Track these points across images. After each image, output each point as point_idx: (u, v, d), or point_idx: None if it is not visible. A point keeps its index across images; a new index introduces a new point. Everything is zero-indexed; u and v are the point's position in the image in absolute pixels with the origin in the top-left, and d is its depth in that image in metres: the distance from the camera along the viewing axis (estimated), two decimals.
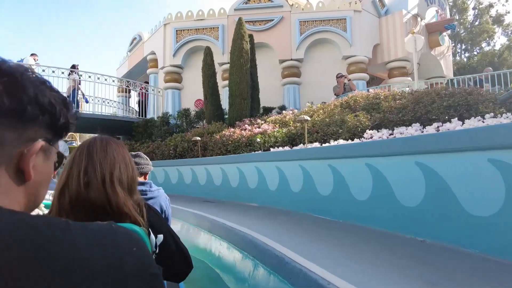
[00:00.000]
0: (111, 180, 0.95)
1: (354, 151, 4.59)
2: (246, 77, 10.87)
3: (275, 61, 13.69)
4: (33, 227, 0.45)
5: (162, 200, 2.25)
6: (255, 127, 9.02)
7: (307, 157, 5.39)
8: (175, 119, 13.08)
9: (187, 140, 10.03)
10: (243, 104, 10.69)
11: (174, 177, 9.36)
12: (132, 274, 0.50)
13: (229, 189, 7.41)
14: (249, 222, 4.72)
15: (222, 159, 7.81)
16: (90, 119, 12.68)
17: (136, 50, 17.00)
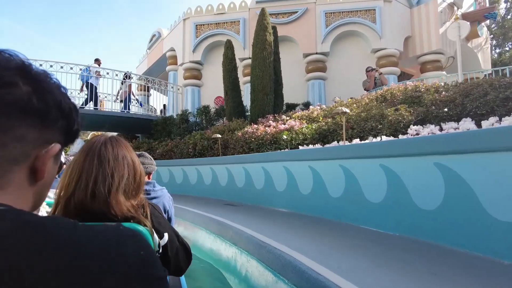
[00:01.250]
0: (116, 190, 0.92)
1: (420, 148, 3.59)
2: (269, 71, 9.96)
3: (299, 55, 12.73)
4: (40, 228, 0.45)
5: (166, 200, 2.21)
6: (280, 124, 8.09)
7: (352, 156, 4.43)
8: (195, 116, 12.31)
9: (207, 137, 9.20)
10: (265, 100, 9.78)
11: (193, 177, 8.54)
12: (137, 276, 0.49)
13: (253, 192, 6.51)
14: (282, 233, 3.81)
15: (245, 158, 6.91)
16: (108, 117, 12.08)
17: (156, 47, 16.34)
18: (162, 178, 9.58)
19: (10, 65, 0.50)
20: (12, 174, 0.51)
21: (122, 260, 0.49)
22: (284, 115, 9.08)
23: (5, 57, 0.50)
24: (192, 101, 13.54)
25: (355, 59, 12.44)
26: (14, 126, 0.49)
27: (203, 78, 13.85)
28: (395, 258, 2.80)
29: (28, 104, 0.49)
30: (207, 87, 13.77)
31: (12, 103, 0.48)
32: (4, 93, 0.48)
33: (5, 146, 0.49)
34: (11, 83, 0.49)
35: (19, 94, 0.49)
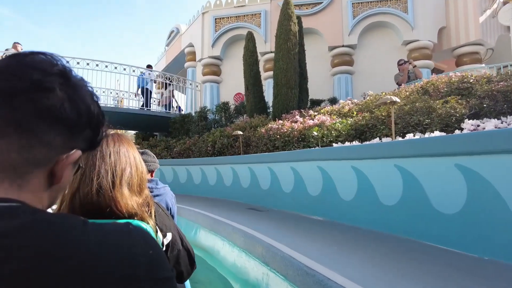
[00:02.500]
0: (120, 183, 0.91)
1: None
2: (294, 63, 9.04)
3: (324, 48, 11.74)
4: (52, 225, 0.45)
5: (168, 198, 2.14)
6: (307, 119, 7.16)
7: (412, 154, 3.47)
8: (213, 113, 11.50)
9: (227, 135, 8.34)
10: (290, 95, 8.85)
11: (212, 178, 7.69)
12: (146, 276, 0.48)
13: (281, 195, 5.60)
14: (331, 253, 2.89)
15: (270, 156, 6.01)
16: (126, 114, 11.42)
17: (174, 43, 15.63)
18: (180, 178, 8.79)
19: (52, 70, 0.50)
20: (32, 176, 0.50)
21: (132, 260, 0.48)
22: (311, 110, 8.14)
23: (49, 61, 0.51)
24: (211, 98, 12.73)
25: (385, 52, 11.36)
26: (44, 131, 0.49)
27: (222, 74, 13.03)
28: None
29: (61, 111, 0.49)
30: (226, 83, 12.94)
31: (47, 108, 0.48)
32: (42, 97, 0.48)
33: (32, 148, 0.49)
34: (50, 88, 0.49)
35: (55, 100, 0.49)
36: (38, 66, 0.49)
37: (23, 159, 0.48)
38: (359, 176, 4.11)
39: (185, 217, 5.58)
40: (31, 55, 0.50)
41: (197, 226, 5.18)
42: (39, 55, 0.51)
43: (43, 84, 0.48)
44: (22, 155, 0.48)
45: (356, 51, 11.55)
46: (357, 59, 11.56)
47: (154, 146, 11.13)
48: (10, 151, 0.47)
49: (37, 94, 0.47)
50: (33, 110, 0.47)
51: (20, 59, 0.49)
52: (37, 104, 0.47)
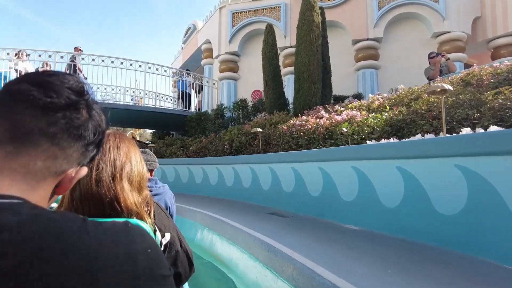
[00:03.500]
0: (120, 177, 0.89)
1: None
2: (317, 56, 8.28)
3: (347, 42, 10.93)
4: (52, 221, 0.45)
5: (167, 197, 2.10)
6: (333, 115, 6.41)
7: (480, 152, 2.69)
8: (231, 111, 10.85)
9: (245, 132, 7.65)
10: (312, 89, 8.09)
11: (229, 178, 7.01)
12: (144, 274, 0.48)
13: (307, 199, 4.86)
14: (380, 278, 2.16)
15: (295, 155, 5.27)
16: (142, 113, 10.93)
17: (191, 40, 15.07)
18: (195, 178, 8.16)
19: (83, 93, 0.55)
20: (45, 183, 0.53)
21: (130, 257, 0.48)
22: (337, 106, 7.36)
23: (80, 83, 0.55)
24: (228, 96, 12.09)
25: (413, 45, 10.45)
26: (69, 146, 0.53)
27: (239, 71, 12.36)
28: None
29: (85, 131, 0.54)
30: (244, 80, 12.27)
31: (76, 126, 0.53)
32: (75, 116, 0.53)
33: (56, 159, 0.52)
34: (80, 109, 0.54)
35: (82, 120, 0.54)
36: (74, 88, 0.54)
37: (45, 167, 0.51)
38: (407, 178, 3.34)
39: (201, 222, 4.93)
40: (66, 76, 0.55)
41: (213, 234, 4.52)
42: (72, 77, 0.55)
43: (77, 104, 0.53)
44: (45, 163, 0.51)
45: (382, 44, 10.68)
46: (383, 53, 10.69)
47: (170, 144, 10.59)
48: (38, 159, 0.50)
49: (71, 113, 0.52)
50: (66, 127, 0.52)
51: (59, 78, 0.53)
52: (70, 122, 0.52)
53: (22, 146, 0.49)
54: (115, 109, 10.36)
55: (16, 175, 0.49)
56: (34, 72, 0.53)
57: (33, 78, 0.52)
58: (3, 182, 0.48)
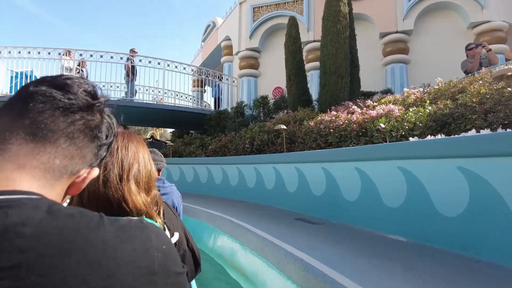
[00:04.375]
0: (127, 178, 0.86)
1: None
2: (345, 48, 7.58)
3: (374, 36, 10.16)
4: (70, 217, 0.45)
5: (175, 197, 2.10)
6: (365, 110, 5.72)
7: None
8: (251, 109, 10.27)
9: (267, 130, 7.04)
10: (340, 84, 7.40)
11: (250, 179, 6.41)
12: (160, 270, 0.49)
13: (341, 204, 4.20)
14: None
15: (326, 154, 4.61)
16: (161, 111, 10.52)
17: (210, 38, 14.59)
18: (215, 178, 7.60)
19: (97, 97, 0.56)
20: (61, 182, 0.53)
21: (147, 253, 0.48)
22: (369, 101, 6.65)
23: (95, 87, 0.57)
24: (248, 93, 11.51)
25: (446, 37, 9.58)
26: (85, 146, 0.54)
27: (260, 67, 11.76)
28: None
29: (100, 132, 0.56)
30: (264, 77, 11.66)
31: (92, 128, 0.55)
32: (91, 118, 0.55)
33: (72, 158, 0.53)
34: (95, 112, 0.56)
35: (97, 122, 0.56)
36: (89, 91, 0.55)
37: (63, 166, 0.52)
38: (473, 181, 2.65)
39: (221, 228, 4.36)
40: (81, 80, 0.56)
41: (235, 242, 3.93)
42: (86, 81, 0.56)
43: (94, 107, 0.55)
44: (63, 162, 0.52)
45: (412, 37, 9.86)
46: (413, 46, 9.86)
47: (188, 143, 10.12)
48: (57, 157, 0.51)
49: (88, 115, 0.54)
50: (83, 127, 0.53)
51: (75, 82, 0.54)
52: (86, 123, 0.54)
53: (43, 145, 0.50)
54: (135, 108, 10.04)
55: (37, 172, 0.50)
56: (51, 75, 0.55)
57: (52, 81, 0.53)
58: (25, 178, 0.49)
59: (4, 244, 0.39)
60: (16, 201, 0.44)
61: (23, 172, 0.49)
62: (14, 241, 0.40)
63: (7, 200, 0.43)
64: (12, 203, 0.43)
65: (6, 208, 0.42)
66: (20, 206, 0.43)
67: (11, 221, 0.41)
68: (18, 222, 0.41)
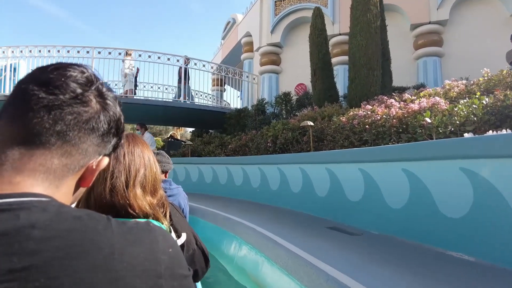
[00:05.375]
0: (133, 184, 0.86)
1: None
2: (376, 39, 6.86)
3: (405, 27, 9.35)
4: (78, 219, 0.44)
5: (181, 198, 2.10)
6: (405, 104, 5.00)
7: None
8: (272, 106, 9.66)
9: (291, 128, 6.40)
10: (371, 77, 6.68)
11: (274, 180, 5.78)
12: (166, 273, 0.48)
13: (384, 212, 3.51)
14: None
15: (368, 153, 3.92)
16: (180, 110, 10.09)
17: (230, 35, 14.07)
18: (235, 179, 7.01)
19: (91, 85, 0.51)
20: (67, 179, 0.51)
21: (153, 256, 0.47)
22: (406, 94, 5.91)
23: (86, 74, 0.51)
24: (269, 90, 10.89)
25: (486, 27, 8.66)
26: (82, 140, 0.50)
27: (282, 63, 11.12)
28: None
29: (97, 123, 0.51)
30: (286, 73, 11.01)
31: (86, 121, 0.50)
32: (83, 111, 0.49)
33: (71, 156, 0.50)
34: (88, 101, 0.50)
35: (92, 113, 0.50)
36: (79, 80, 0.50)
37: (62, 164, 0.50)
38: None
39: (244, 237, 3.77)
40: (70, 68, 0.51)
41: (260, 255, 3.32)
42: (76, 68, 0.51)
43: (83, 97, 0.49)
44: (61, 161, 0.49)
45: (447, 28, 8.99)
46: (448, 38, 9.00)
47: (208, 143, 9.60)
48: (53, 157, 0.49)
49: (78, 107, 0.49)
50: (74, 122, 0.49)
51: (61, 73, 0.50)
52: (77, 116, 0.49)
53: (34, 147, 0.48)
54: (154, 106, 9.68)
55: (37, 175, 0.48)
56: (40, 68, 0.51)
57: (37, 76, 0.49)
58: (26, 182, 0.47)
59: (14, 246, 0.39)
60: (26, 204, 0.43)
61: (24, 175, 0.47)
62: (24, 243, 0.39)
63: (17, 202, 0.43)
64: (23, 205, 0.43)
65: (18, 211, 0.42)
66: (30, 208, 0.43)
67: (22, 224, 0.41)
68: (28, 224, 0.41)
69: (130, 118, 10.11)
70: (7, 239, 0.39)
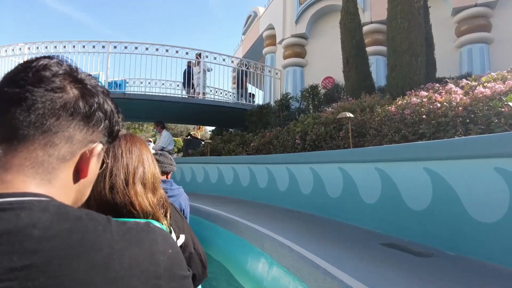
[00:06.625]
0: (133, 181, 0.85)
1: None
2: (419, 21, 5.88)
3: (445, 12, 8.26)
4: (78, 220, 0.44)
5: (182, 199, 2.08)
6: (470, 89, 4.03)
7: None
8: (298, 101, 8.78)
9: (324, 122, 5.51)
10: (414, 64, 5.70)
11: (305, 183, 4.88)
12: (165, 274, 0.47)
13: (466, 226, 2.56)
14: None
15: (438, 147, 3.01)
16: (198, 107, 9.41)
17: (251, 29, 13.26)
18: (258, 181, 6.15)
19: (59, 71, 0.50)
20: (59, 171, 0.49)
21: (153, 258, 0.46)
22: (451, 85, 4.91)
23: (55, 63, 0.50)
24: (293, 85, 10.01)
25: None
26: (64, 127, 0.49)
27: (307, 56, 10.21)
28: None
29: (76, 107, 0.49)
30: (312, 66, 10.10)
31: (62, 106, 0.48)
32: (56, 97, 0.48)
33: (55, 145, 0.48)
34: (61, 87, 0.49)
35: (68, 98, 0.49)
36: (47, 69, 0.49)
37: (49, 155, 0.48)
38: None
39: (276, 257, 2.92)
40: (38, 60, 0.50)
41: (296, 281, 2.46)
42: (45, 59, 0.50)
43: (53, 84, 0.48)
44: (47, 152, 0.48)
45: (496, 11, 7.85)
46: (497, 22, 7.84)
47: (228, 141, 8.82)
48: (36, 149, 0.47)
49: (50, 95, 0.47)
50: (48, 110, 0.47)
51: (28, 65, 0.49)
52: (51, 104, 0.47)
53: (16, 142, 0.46)
54: (171, 103, 9.06)
55: (26, 170, 0.47)
56: (15, 67, 0.50)
57: (5, 76, 0.49)
58: (18, 178, 0.46)
59: (15, 245, 0.39)
60: (27, 203, 0.42)
61: (13, 172, 0.46)
62: (25, 242, 0.39)
63: (18, 202, 0.42)
64: (24, 205, 0.42)
65: (19, 210, 0.41)
66: (31, 208, 0.42)
67: (22, 223, 0.40)
68: (29, 224, 0.40)
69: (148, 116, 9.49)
70: (8, 238, 0.39)
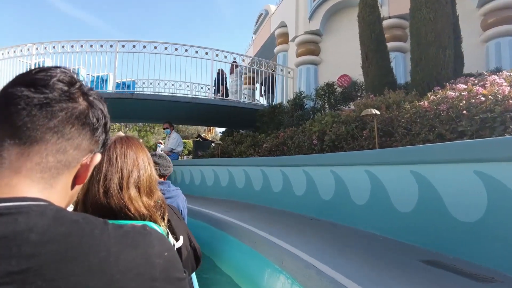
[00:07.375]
0: (127, 186, 0.85)
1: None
2: (447, 10, 5.38)
3: (469, 5, 7.68)
4: (75, 223, 0.44)
5: (180, 200, 2.09)
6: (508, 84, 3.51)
7: None
8: (312, 100, 8.30)
9: (344, 120, 5.02)
10: (440, 58, 5.17)
11: (326, 187, 4.39)
12: (161, 276, 0.47)
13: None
14: None
15: (496, 146, 2.52)
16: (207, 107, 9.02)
17: (263, 28, 12.83)
18: (272, 184, 5.67)
19: (74, 82, 0.52)
20: (62, 177, 0.51)
21: (149, 261, 0.47)
22: (495, 75, 4.38)
23: (69, 73, 0.52)
24: (306, 84, 9.52)
25: None
26: (75, 136, 0.51)
27: (321, 53, 9.72)
28: None
29: (87, 118, 0.52)
30: (326, 64, 9.60)
31: (77, 116, 0.51)
32: (72, 107, 0.50)
33: (65, 151, 0.50)
34: (76, 98, 0.51)
35: (82, 108, 0.51)
36: (63, 79, 0.51)
37: (57, 161, 0.49)
38: None
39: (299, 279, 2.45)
40: (53, 69, 0.51)
41: None
42: (58, 69, 0.52)
43: (71, 94, 0.50)
44: (57, 157, 0.49)
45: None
46: None
47: (239, 142, 8.39)
48: (48, 154, 0.49)
49: (68, 104, 0.50)
50: (66, 117, 0.49)
51: (46, 74, 0.50)
52: (69, 112, 0.50)
53: (30, 145, 0.48)
54: (180, 103, 8.73)
55: (33, 174, 0.48)
56: (23, 72, 0.51)
57: (23, 79, 0.50)
58: (24, 182, 0.47)
59: (13, 249, 0.39)
60: (25, 208, 0.43)
61: (21, 176, 0.47)
62: (22, 247, 0.39)
63: (16, 206, 0.42)
64: (21, 209, 0.42)
65: (17, 215, 0.41)
66: (28, 212, 0.42)
67: (20, 228, 0.40)
68: (26, 228, 0.40)
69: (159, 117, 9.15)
70: (6, 242, 0.39)
